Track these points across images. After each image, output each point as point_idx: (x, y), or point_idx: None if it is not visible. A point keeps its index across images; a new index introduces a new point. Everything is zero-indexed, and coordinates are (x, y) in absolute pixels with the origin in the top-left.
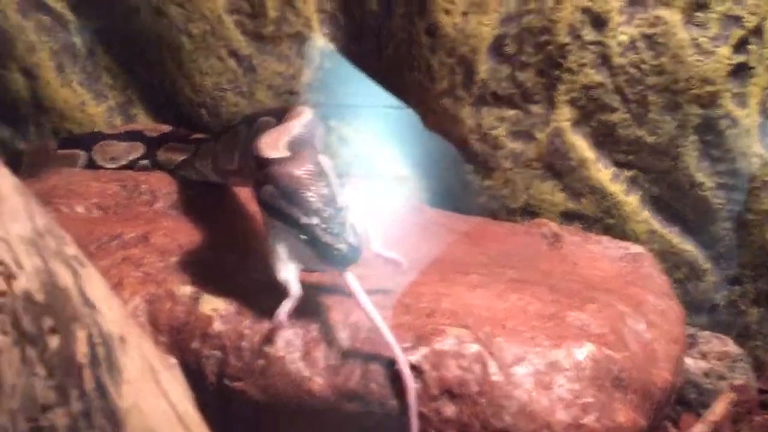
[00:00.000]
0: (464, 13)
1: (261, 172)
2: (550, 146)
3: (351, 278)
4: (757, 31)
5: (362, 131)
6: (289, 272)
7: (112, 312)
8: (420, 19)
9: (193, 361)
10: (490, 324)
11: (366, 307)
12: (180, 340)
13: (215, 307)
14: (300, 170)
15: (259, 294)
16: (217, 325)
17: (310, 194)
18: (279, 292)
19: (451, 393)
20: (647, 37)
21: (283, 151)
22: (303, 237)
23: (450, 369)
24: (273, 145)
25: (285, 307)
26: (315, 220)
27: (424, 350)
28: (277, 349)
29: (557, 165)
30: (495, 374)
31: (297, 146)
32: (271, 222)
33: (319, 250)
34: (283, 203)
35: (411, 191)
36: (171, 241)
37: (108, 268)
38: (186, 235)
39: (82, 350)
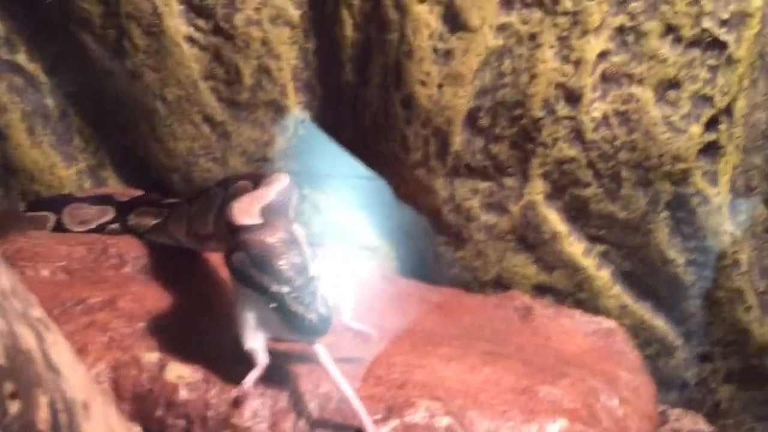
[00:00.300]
0: (440, 85)
1: (233, 238)
2: (522, 219)
3: (320, 349)
4: (727, 111)
5: (335, 200)
6: (256, 341)
7: (76, 377)
8: (396, 90)
9: (156, 430)
10: (463, 397)
11: (335, 378)
12: (144, 408)
13: (181, 374)
14: (272, 238)
15: (228, 362)
16: (183, 394)
17: (281, 263)
18: (248, 360)
19: None
20: (620, 114)
21: (257, 218)
22: (273, 305)
23: None
24: (246, 211)
25: (251, 377)
26: (286, 289)
27: (394, 422)
28: (244, 420)
29: (530, 238)
30: None
31: (271, 213)
32: (240, 289)
33: (289, 320)
34: (254, 271)
35: (383, 261)
36: (139, 306)
37: (72, 332)
38: (154, 300)
39: (43, 416)
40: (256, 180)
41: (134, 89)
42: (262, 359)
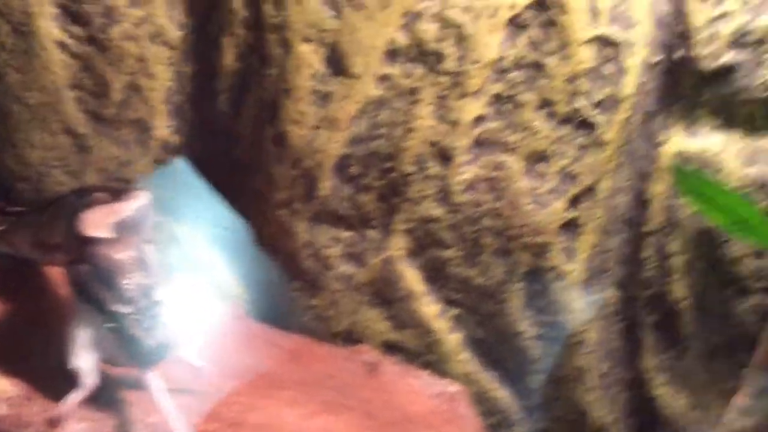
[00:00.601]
0: (315, 127)
1: (79, 249)
2: (381, 273)
3: (153, 377)
4: (591, 191)
5: (194, 233)
6: (85, 360)
7: None
8: (269, 126)
9: None
10: None
11: (166, 409)
12: None
13: (2, 389)
14: (121, 255)
15: (56, 381)
16: (2, 408)
17: (126, 282)
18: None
19: None
20: (489, 180)
21: (108, 232)
22: (110, 325)
23: None
24: (98, 222)
25: (73, 397)
26: (127, 310)
27: None
28: None
29: (386, 293)
30: None
31: (124, 229)
32: (79, 304)
33: (125, 343)
34: (96, 285)
35: (235, 301)
36: None
37: None
38: None
39: None
40: (115, 194)
41: None
42: (89, 381)
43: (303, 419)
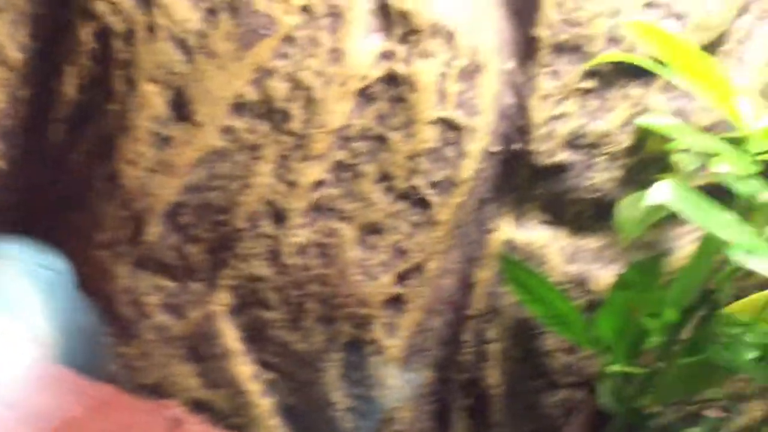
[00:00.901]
0: (150, 170)
1: None
2: (199, 328)
3: None
4: (419, 269)
5: (6, 270)
6: None
7: None
8: (103, 163)
9: None
10: None
11: None
12: None
13: None
14: None
15: None
16: None
17: None
18: None
19: None
20: (320, 246)
21: None
22: None
23: None
24: None
25: None
26: None
27: None
28: None
29: (201, 350)
30: None
31: None
32: None
33: None
34: None
35: (45, 345)
36: None
37: None
38: None
39: None
40: None
41: None
42: None
43: None
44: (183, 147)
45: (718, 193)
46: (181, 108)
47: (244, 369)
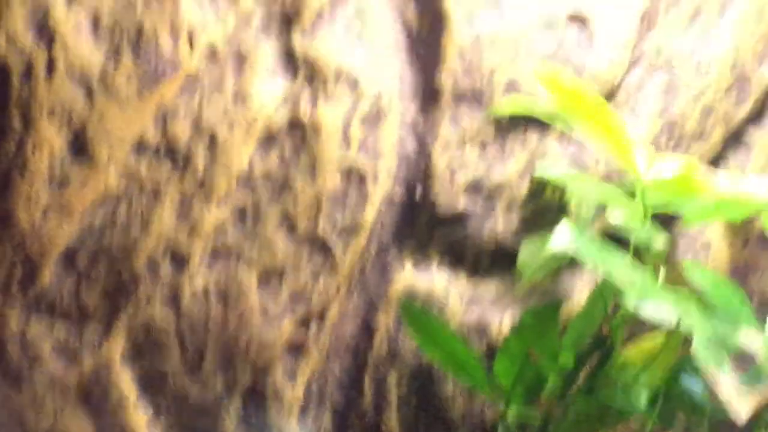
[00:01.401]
0: (45, 212)
1: None
2: (93, 376)
3: None
4: (320, 315)
5: None
6: None
7: None
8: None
9: None
10: None
11: None
12: None
13: None
14: None
15: None
16: None
17: None
18: None
19: None
20: (221, 291)
21: None
22: None
23: None
24: None
25: None
26: None
27: None
28: None
29: (95, 398)
30: None
31: None
32: None
33: None
34: None
35: None
36: None
37: None
38: None
39: None
40: None
41: None
42: None
43: None
44: (81, 188)
45: (615, 240)
46: (81, 148)
47: (140, 418)
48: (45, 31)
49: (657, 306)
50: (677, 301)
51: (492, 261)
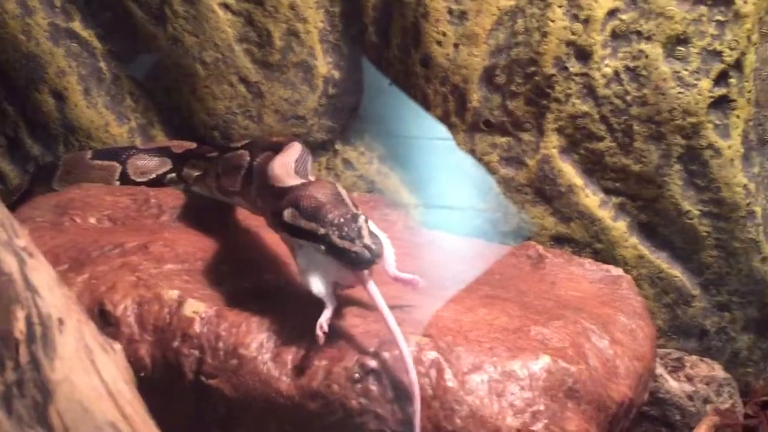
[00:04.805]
0: (455, 45)
1: (282, 199)
2: (539, 172)
3: (372, 287)
4: (737, 65)
5: (365, 155)
6: (321, 286)
7: (53, 297)
8: (414, 50)
9: (173, 358)
10: (453, 334)
11: (384, 312)
12: (163, 339)
13: (197, 310)
14: (317, 192)
15: (242, 300)
16: (197, 327)
17: (326, 209)
18: (261, 298)
19: (406, 396)
20: (630, 70)
21: (296, 179)
22: (322, 247)
23: None
24: (286, 175)
25: (325, 316)
26: (331, 230)
27: (384, 355)
28: (251, 351)
29: (547, 191)
30: (450, 380)
31: (300, 174)
32: (296, 242)
33: (338, 256)
34: (303, 222)
35: (406, 212)
36: (169, 250)
37: (105, 272)
38: (184, 245)
39: (20, 328)
40: (275, 149)
41: (175, 53)
42: (331, 301)
43: (459, 314)
44: (478, 16)
45: None
46: None
47: (591, 199)
48: None
49: None
50: None
51: None
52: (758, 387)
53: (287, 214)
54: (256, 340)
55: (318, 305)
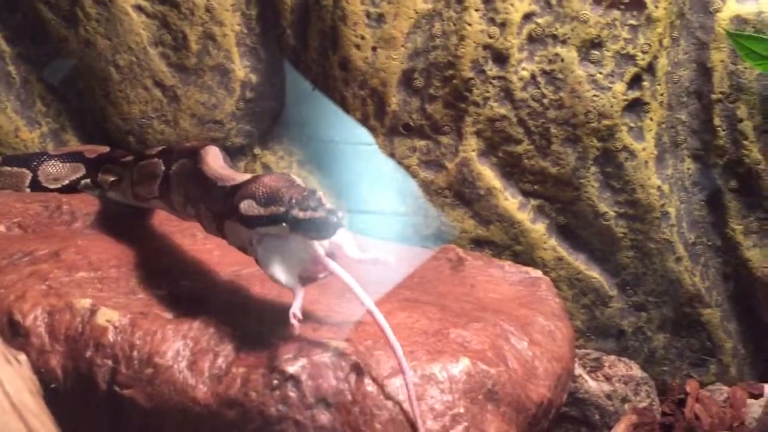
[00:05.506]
0: (374, 48)
1: (233, 196)
2: (458, 175)
3: (337, 266)
4: (650, 69)
5: (285, 159)
6: (287, 274)
7: None
8: (333, 54)
9: (86, 369)
10: (373, 339)
11: (358, 293)
12: (75, 349)
13: (110, 318)
14: (270, 180)
15: (157, 308)
16: (111, 336)
17: (282, 191)
18: (177, 305)
19: (326, 402)
20: (546, 73)
21: (243, 176)
22: (284, 225)
23: (327, 379)
24: (230, 175)
25: (296, 305)
26: (292, 206)
27: (302, 361)
28: (167, 359)
29: (466, 194)
30: (369, 385)
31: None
32: (255, 234)
33: (302, 228)
34: (261, 209)
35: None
36: (82, 258)
37: (14, 281)
38: (98, 252)
39: None
40: (192, 154)
41: (88, 56)
42: (299, 290)
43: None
44: (396, 19)
45: None
46: None
47: (510, 202)
48: None
49: None
50: None
51: None
52: (674, 385)
53: (244, 206)
54: (172, 349)
55: (234, 312)
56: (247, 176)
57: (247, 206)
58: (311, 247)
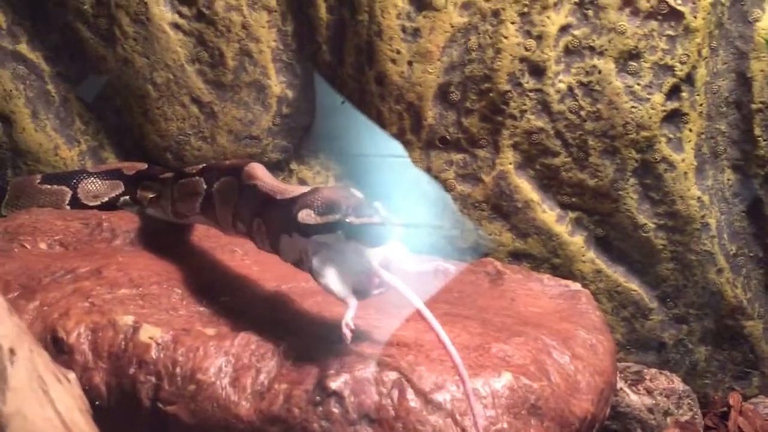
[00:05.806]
0: (410, 62)
1: (292, 208)
2: (496, 189)
3: (389, 275)
4: (688, 79)
5: (321, 173)
6: (341, 285)
7: (4, 327)
8: (369, 69)
9: (129, 386)
10: (415, 353)
11: (412, 299)
12: (118, 366)
13: (153, 335)
14: (329, 192)
15: (198, 324)
16: (154, 353)
17: (340, 201)
18: (218, 322)
19: (369, 417)
20: (584, 85)
21: (302, 188)
22: (340, 233)
23: (369, 395)
24: (288, 188)
25: (349, 316)
26: (348, 214)
27: (345, 377)
28: (209, 376)
29: (503, 207)
30: (412, 400)
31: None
32: (310, 244)
33: (358, 235)
34: (319, 218)
35: None
36: (123, 275)
37: (58, 299)
38: (138, 269)
39: None
40: (235, 172)
41: (126, 74)
42: (353, 300)
43: (420, 333)
44: (431, 33)
45: None
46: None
47: (548, 215)
48: None
49: None
50: None
51: None
52: (717, 398)
53: (302, 215)
54: (214, 365)
55: (275, 327)
56: (306, 188)
57: (305, 215)
58: (366, 258)
